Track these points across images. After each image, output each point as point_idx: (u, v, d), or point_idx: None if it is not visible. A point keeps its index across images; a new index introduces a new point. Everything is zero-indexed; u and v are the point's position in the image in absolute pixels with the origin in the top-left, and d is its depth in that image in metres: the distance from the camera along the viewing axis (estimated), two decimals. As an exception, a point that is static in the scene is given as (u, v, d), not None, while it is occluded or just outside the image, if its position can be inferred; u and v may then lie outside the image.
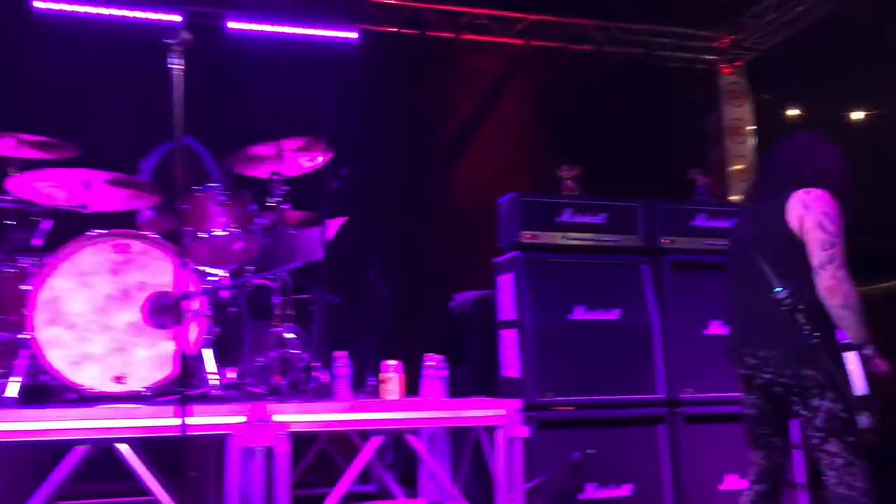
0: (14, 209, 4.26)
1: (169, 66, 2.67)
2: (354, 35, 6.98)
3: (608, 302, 4.53)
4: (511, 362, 4.51)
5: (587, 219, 4.62)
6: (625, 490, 4.36)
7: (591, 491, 4.28)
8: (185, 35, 2.66)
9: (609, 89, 7.34)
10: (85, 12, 6.27)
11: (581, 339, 4.43)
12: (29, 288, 3.92)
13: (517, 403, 4.09)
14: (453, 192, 6.98)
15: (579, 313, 4.47)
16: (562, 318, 4.43)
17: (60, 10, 6.19)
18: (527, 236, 4.52)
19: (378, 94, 6.87)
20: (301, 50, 6.79)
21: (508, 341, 4.57)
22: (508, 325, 4.55)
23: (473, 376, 4.92)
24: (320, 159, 4.71)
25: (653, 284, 4.62)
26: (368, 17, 7.09)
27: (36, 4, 6.13)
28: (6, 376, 3.82)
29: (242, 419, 3.60)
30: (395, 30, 7.14)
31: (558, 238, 4.57)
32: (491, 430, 4.10)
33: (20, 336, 3.86)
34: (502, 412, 4.02)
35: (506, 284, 4.61)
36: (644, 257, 4.67)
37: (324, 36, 6.89)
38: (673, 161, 6.91)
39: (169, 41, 2.65)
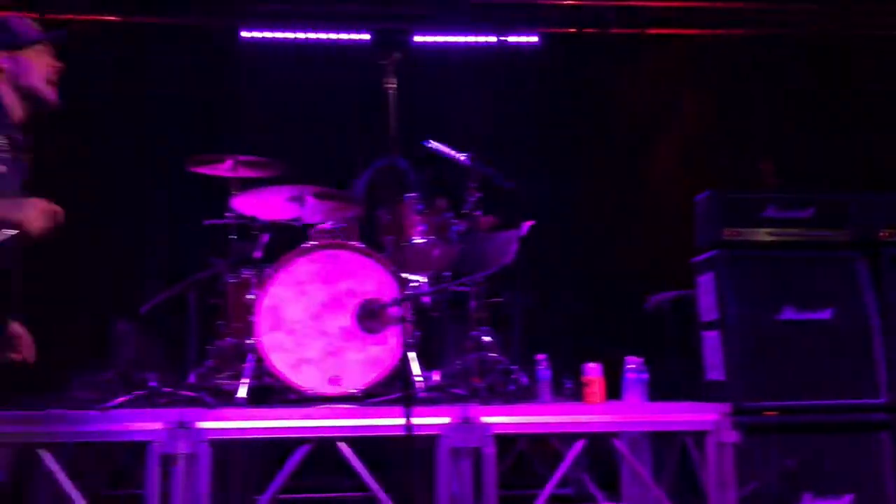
0: (237, 225, 4.63)
1: (385, 85, 2.81)
2: (534, 39, 7.03)
3: (819, 300, 4.28)
4: (715, 364, 4.37)
5: (793, 214, 4.40)
6: (845, 501, 4.10)
7: (807, 501, 4.06)
8: (397, 55, 2.80)
9: (802, 74, 6.93)
10: (284, 38, 6.71)
11: (790, 339, 4.22)
12: (252, 297, 4.26)
13: (726, 408, 3.96)
14: (643, 190, 6.84)
15: (788, 313, 4.26)
16: (769, 318, 4.23)
17: (264, 38, 6.66)
18: (727, 234, 4.36)
19: (562, 96, 6.87)
20: (483, 58, 6.91)
21: (711, 343, 4.42)
22: (711, 325, 4.41)
23: (673, 379, 4.80)
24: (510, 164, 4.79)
25: (870, 281, 4.32)
26: (548, 19, 7.10)
27: (243, 35, 6.63)
28: (236, 378, 4.17)
29: (447, 420, 3.72)
30: (575, 30, 7.11)
31: (762, 234, 4.37)
32: (697, 435, 3.99)
33: (247, 341, 4.20)
34: (711, 417, 3.90)
35: (706, 284, 4.47)
36: (858, 252, 4.39)
37: (505, 42, 6.97)
38: (874, 148, 6.45)
39: (382, 61, 2.79)
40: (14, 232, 2.26)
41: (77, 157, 6.33)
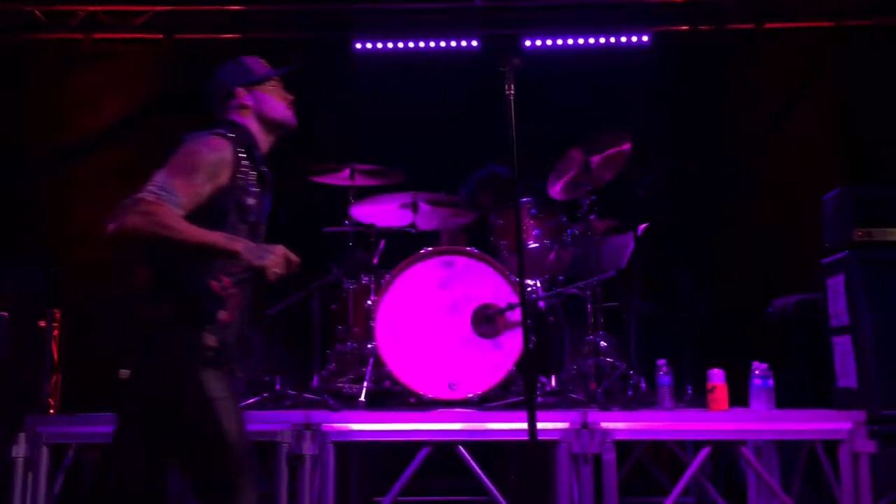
0: (355, 232, 4.75)
1: (506, 92, 2.83)
2: (645, 38, 6.90)
3: (959, 303, 4.04)
4: (847, 371, 4.17)
5: (933, 211, 4.16)
6: None
7: (951, 514, 3.83)
8: (516, 61, 2.81)
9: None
10: (395, 48, 6.84)
11: (931, 345, 3.99)
12: (371, 302, 4.36)
13: (860, 416, 3.78)
14: (764, 190, 6.60)
15: (928, 317, 4.03)
16: (906, 322, 4.02)
17: (376, 49, 6.81)
18: (859, 234, 4.16)
19: (676, 95, 6.72)
20: (595, 59, 6.84)
21: (842, 348, 4.23)
22: (841, 330, 4.21)
23: (800, 385, 4.63)
24: (623, 167, 4.73)
25: None
26: (660, 18, 6.96)
27: (357, 46, 6.80)
28: (357, 382, 4.28)
29: (566, 425, 3.71)
30: (688, 28, 6.94)
31: (896, 234, 4.16)
32: (829, 444, 3.83)
33: (366, 346, 4.30)
34: (844, 425, 3.73)
35: (836, 287, 4.28)
36: None
37: (616, 42, 6.88)
38: None
39: (502, 68, 2.81)
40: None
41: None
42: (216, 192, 2.51)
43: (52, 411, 5.13)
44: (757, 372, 4.03)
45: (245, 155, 2.64)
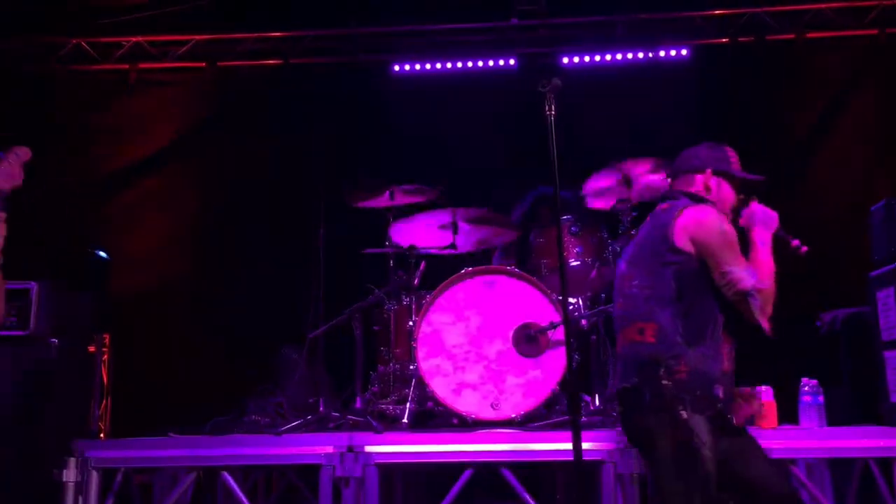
0: (395, 253, 4.77)
1: (546, 112, 2.83)
2: (685, 52, 6.86)
3: None
4: (900, 386, 4.06)
5: (983, 221, 4.05)
6: None
7: None
8: (556, 82, 2.81)
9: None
10: (433, 69, 6.90)
11: None
12: (412, 323, 4.37)
13: (915, 433, 3.68)
14: (807, 201, 6.48)
15: (982, 330, 3.91)
16: (960, 335, 3.91)
17: (414, 70, 6.88)
18: (909, 245, 4.07)
19: (717, 108, 6.66)
20: (634, 74, 6.82)
21: (894, 363, 4.12)
22: (893, 345, 4.11)
23: (850, 401, 4.52)
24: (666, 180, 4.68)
25: None
26: (699, 30, 6.92)
27: (395, 68, 6.88)
28: (400, 403, 4.28)
29: (611, 445, 3.66)
30: (727, 40, 6.88)
31: (948, 245, 4.06)
32: (883, 461, 3.72)
33: (409, 367, 4.31)
34: (899, 443, 3.63)
35: (886, 300, 4.17)
36: None
37: (654, 57, 6.85)
38: None
39: (542, 88, 2.81)
40: None
41: (243, 192, 6.76)
42: None
43: (102, 435, 5.23)
44: (806, 388, 3.95)
45: None
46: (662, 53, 6.84)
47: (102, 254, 6.36)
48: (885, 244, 4.19)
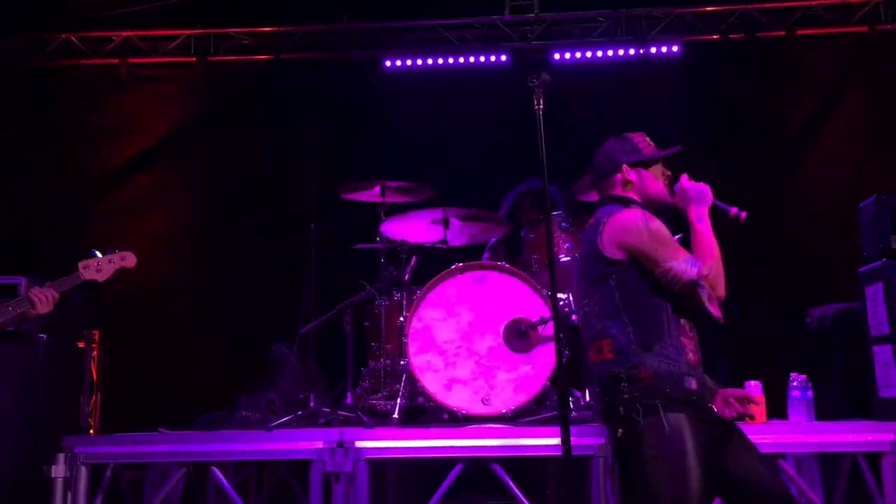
0: (386, 249, 4.77)
1: (535, 107, 2.84)
2: (675, 48, 6.88)
3: None
4: (889, 381, 4.08)
5: (971, 217, 4.07)
6: None
7: None
8: (546, 77, 2.81)
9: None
10: (424, 64, 6.90)
11: (975, 354, 3.90)
12: (403, 319, 4.37)
13: (903, 427, 3.69)
14: (797, 198, 6.52)
15: (969, 325, 3.93)
16: (949, 330, 3.94)
17: (406, 66, 6.88)
18: (898, 241, 4.09)
19: (707, 104, 6.68)
20: (625, 70, 6.83)
21: (883, 358, 4.14)
22: (883, 340, 4.13)
23: (840, 396, 4.54)
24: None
25: None
26: (690, 27, 6.94)
27: (387, 64, 6.88)
28: (390, 399, 4.28)
29: (600, 440, 3.67)
30: (718, 37, 6.90)
31: (936, 242, 4.08)
32: (872, 456, 3.74)
33: (399, 362, 4.30)
34: (887, 437, 3.65)
35: (875, 296, 4.20)
36: None
37: (645, 53, 6.86)
38: None
39: (531, 83, 2.82)
40: None
41: (235, 187, 6.75)
42: None
43: (91, 431, 5.21)
44: (795, 383, 3.96)
45: None
46: (654, 50, 6.87)
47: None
48: (875, 240, 4.21)
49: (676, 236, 3.06)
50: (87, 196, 6.83)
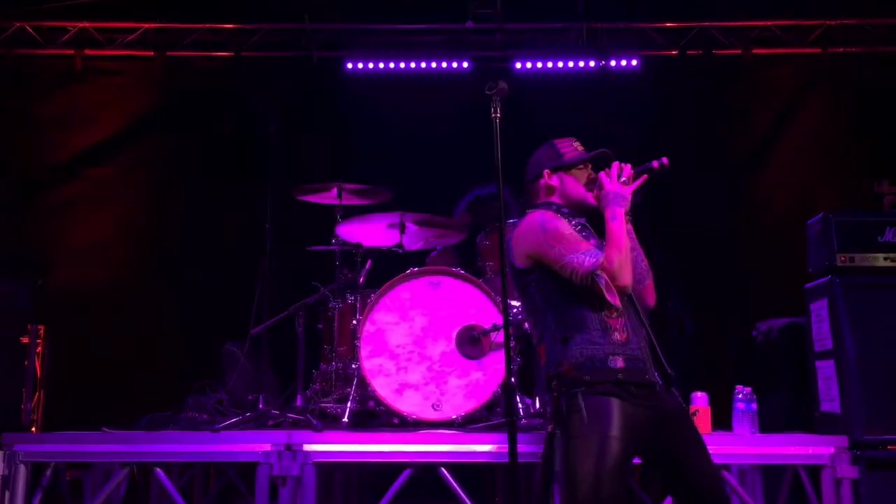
0: (341, 251, 4.75)
1: (492, 115, 2.86)
2: (635, 62, 6.97)
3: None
4: (830, 396, 4.17)
5: (914, 238, 4.19)
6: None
7: (934, 541, 3.82)
8: (503, 85, 2.84)
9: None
10: (386, 68, 6.89)
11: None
12: (356, 322, 4.35)
13: (842, 441, 3.78)
14: (751, 214, 6.65)
15: (910, 342, 4.04)
16: (888, 347, 4.03)
17: (367, 69, 6.86)
18: (842, 259, 4.18)
19: (664, 119, 6.77)
20: (586, 82, 6.90)
21: (825, 373, 4.23)
22: (825, 355, 4.22)
23: (784, 409, 4.63)
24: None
25: None
26: (650, 42, 7.03)
27: (349, 66, 6.85)
28: (341, 402, 4.25)
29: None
30: (677, 52, 7.00)
31: (880, 260, 4.18)
32: (812, 469, 3.82)
33: (351, 365, 4.28)
34: (826, 450, 3.73)
35: (820, 312, 4.29)
36: None
37: (605, 65, 6.94)
38: None
39: (489, 91, 2.84)
40: None
41: (189, 185, 6.66)
42: None
43: (34, 429, 5.09)
44: (740, 395, 4.03)
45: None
46: (613, 63, 6.94)
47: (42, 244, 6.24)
48: (821, 257, 4.29)
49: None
50: (34, 189, 6.67)
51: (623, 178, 2.90)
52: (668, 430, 2.78)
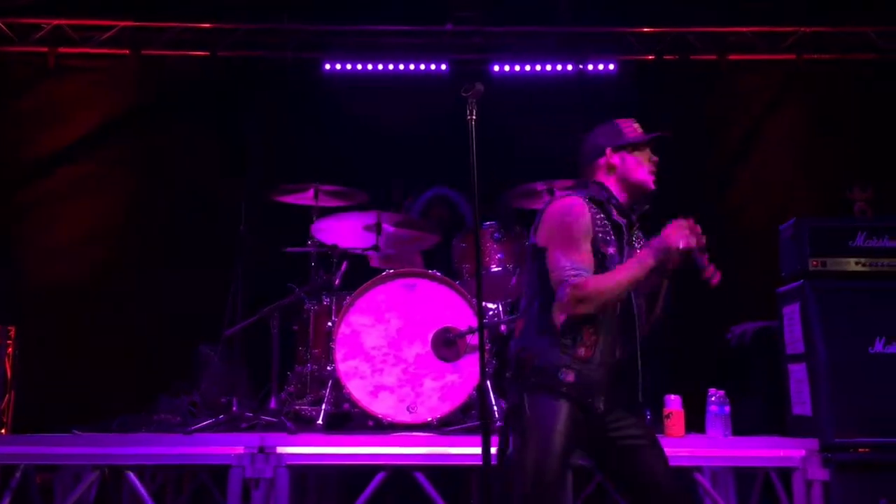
0: (317, 253, 4.73)
1: (468, 117, 2.86)
2: (612, 66, 7.01)
3: (914, 333, 4.10)
4: (801, 399, 4.21)
5: (885, 243, 4.23)
6: (944, 543, 3.89)
7: (903, 544, 3.87)
8: (479, 87, 2.84)
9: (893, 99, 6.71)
10: (365, 69, 6.88)
11: (883, 373, 4.04)
12: (331, 324, 4.33)
13: (813, 444, 3.82)
14: (725, 218, 6.69)
15: (880, 346, 4.08)
16: (860, 351, 4.08)
17: (346, 70, 6.84)
18: (814, 263, 4.22)
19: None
20: (563, 85, 6.92)
21: (797, 376, 4.28)
22: (797, 358, 4.27)
23: (757, 413, 4.66)
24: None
25: (968, 312, 4.12)
26: (627, 47, 7.07)
27: (327, 67, 6.83)
28: (316, 404, 4.23)
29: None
30: (653, 57, 7.05)
31: (851, 265, 4.23)
32: (784, 471, 3.86)
33: (326, 368, 4.26)
34: (797, 453, 3.77)
35: (792, 315, 4.33)
36: (955, 282, 4.19)
37: (583, 69, 6.97)
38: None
39: (465, 93, 2.84)
40: None
41: (165, 185, 6.60)
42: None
43: (3, 431, 5.02)
44: (713, 398, 4.06)
45: (597, 209, 2.84)
46: (591, 67, 6.97)
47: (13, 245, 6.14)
48: (793, 261, 4.34)
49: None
50: (4, 187, 6.58)
51: (682, 245, 2.81)
52: (612, 446, 2.79)
